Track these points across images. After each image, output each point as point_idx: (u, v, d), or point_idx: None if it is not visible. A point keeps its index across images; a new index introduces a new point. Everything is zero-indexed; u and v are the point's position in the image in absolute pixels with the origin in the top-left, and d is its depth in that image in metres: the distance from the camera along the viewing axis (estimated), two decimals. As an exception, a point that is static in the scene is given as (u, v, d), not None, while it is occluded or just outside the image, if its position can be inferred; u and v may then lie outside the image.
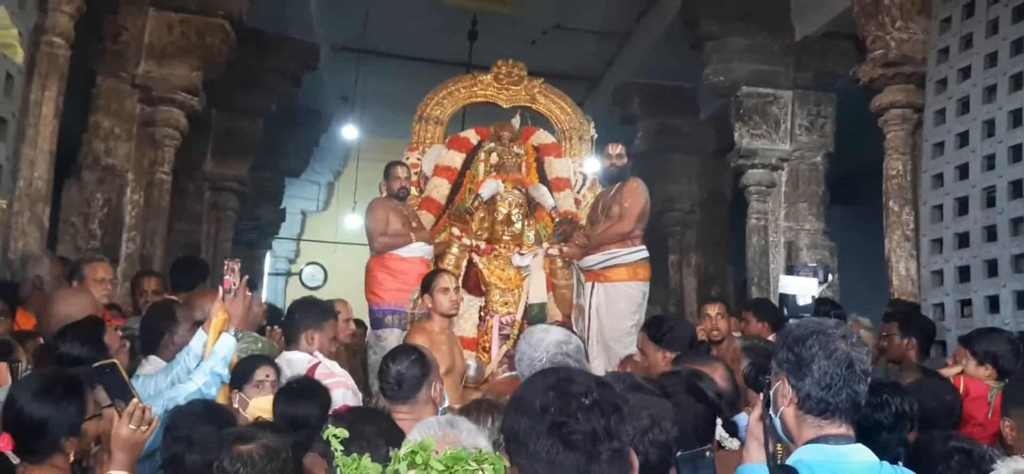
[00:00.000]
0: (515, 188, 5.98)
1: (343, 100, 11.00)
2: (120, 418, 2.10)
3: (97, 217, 5.83)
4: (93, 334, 2.90)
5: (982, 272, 4.52)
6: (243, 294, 2.98)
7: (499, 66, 6.47)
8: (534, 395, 1.29)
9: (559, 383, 1.28)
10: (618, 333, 5.33)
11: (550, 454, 1.23)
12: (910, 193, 5.49)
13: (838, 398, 1.77)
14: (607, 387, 1.29)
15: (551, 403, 1.25)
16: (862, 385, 1.79)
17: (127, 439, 2.09)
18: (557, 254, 5.84)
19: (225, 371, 2.84)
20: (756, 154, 7.29)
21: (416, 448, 1.22)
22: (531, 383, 1.35)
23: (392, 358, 2.87)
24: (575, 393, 1.25)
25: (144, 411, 2.13)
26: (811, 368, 1.78)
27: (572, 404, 1.24)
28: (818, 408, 1.78)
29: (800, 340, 1.81)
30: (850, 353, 1.78)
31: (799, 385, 1.80)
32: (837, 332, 1.83)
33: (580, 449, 1.23)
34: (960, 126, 4.76)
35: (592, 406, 1.24)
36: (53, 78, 4.44)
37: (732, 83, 7.32)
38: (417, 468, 1.22)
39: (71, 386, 2.14)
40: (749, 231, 7.41)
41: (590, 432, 1.23)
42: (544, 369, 1.48)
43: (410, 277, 5.28)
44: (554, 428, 1.23)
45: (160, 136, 6.28)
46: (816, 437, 1.79)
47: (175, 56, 6.20)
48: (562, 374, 1.31)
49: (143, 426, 2.12)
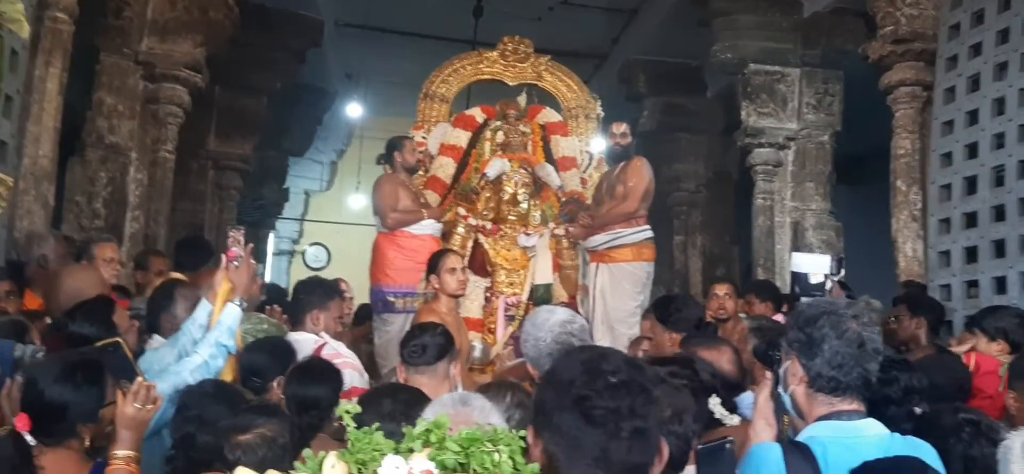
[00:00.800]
0: (521, 167, 5.94)
1: (347, 78, 10.97)
2: (125, 397, 2.09)
3: (101, 196, 5.81)
4: (103, 314, 2.89)
5: (990, 253, 4.49)
6: (248, 263, 2.94)
7: (505, 43, 6.41)
8: (565, 369, 1.29)
9: (591, 360, 1.28)
10: (622, 314, 5.32)
11: (572, 429, 1.23)
12: (918, 172, 5.46)
13: (849, 377, 1.81)
14: (639, 369, 1.28)
15: (578, 377, 1.25)
16: (873, 363, 1.83)
17: (132, 418, 2.09)
18: (563, 234, 5.82)
19: (231, 342, 2.80)
20: (763, 133, 7.24)
21: (431, 426, 1.21)
22: (565, 358, 1.35)
23: (420, 328, 2.95)
24: (604, 370, 1.24)
25: (148, 390, 2.13)
26: (822, 348, 1.81)
27: (599, 381, 1.24)
28: (829, 386, 1.82)
29: (811, 320, 1.84)
30: (862, 333, 1.81)
31: (810, 364, 1.83)
32: (848, 312, 1.86)
33: (601, 425, 1.22)
34: (970, 104, 4.72)
35: (619, 385, 1.23)
36: (57, 54, 4.40)
37: (740, 60, 7.26)
38: (431, 446, 1.21)
39: (92, 371, 2.13)
40: (755, 211, 7.38)
41: (613, 409, 1.22)
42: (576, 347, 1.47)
43: (421, 255, 5.17)
44: (578, 402, 1.23)
45: (163, 114, 6.25)
46: (828, 414, 1.82)
47: (178, 32, 6.14)
48: (598, 352, 1.31)
49: (148, 405, 2.12)
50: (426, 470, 1.14)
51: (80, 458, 2.11)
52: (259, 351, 2.96)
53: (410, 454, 1.19)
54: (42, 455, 2.03)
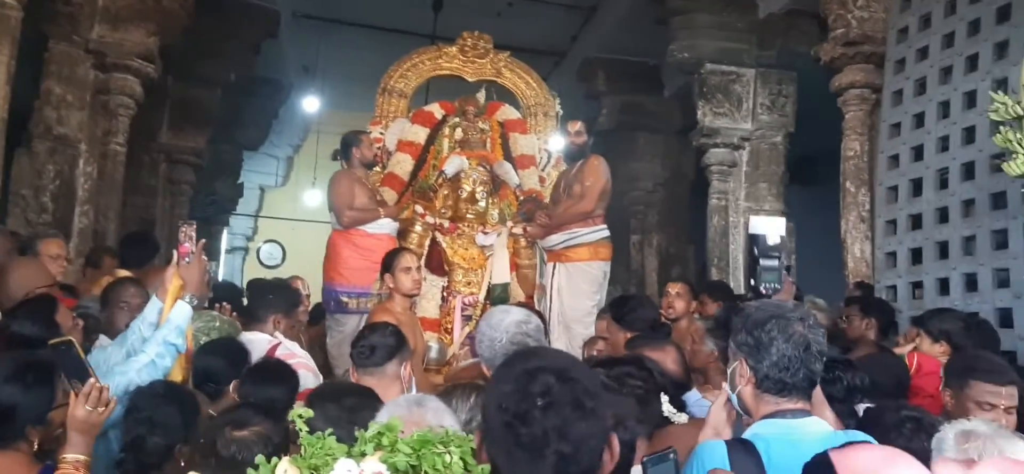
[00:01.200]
0: (480, 165, 5.94)
1: (304, 70, 10.82)
2: (76, 399, 2.05)
3: (48, 189, 5.64)
4: (45, 313, 2.82)
5: (934, 254, 4.61)
6: (199, 260, 2.87)
7: (465, 38, 6.39)
8: (499, 384, 1.29)
9: (520, 378, 1.26)
10: (578, 313, 5.35)
11: (506, 444, 1.24)
12: (867, 174, 5.59)
13: (795, 378, 1.87)
14: (571, 385, 1.27)
15: (507, 399, 1.25)
16: (818, 364, 1.89)
17: (83, 421, 2.06)
18: (521, 233, 5.82)
19: (180, 341, 2.74)
20: (718, 133, 7.35)
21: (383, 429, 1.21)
22: (502, 370, 1.34)
23: (370, 328, 2.94)
24: (532, 393, 1.24)
25: (101, 392, 2.09)
26: (769, 351, 1.87)
27: (526, 404, 1.23)
28: (776, 388, 1.88)
29: (759, 324, 1.90)
30: (807, 335, 1.88)
31: (758, 367, 1.89)
32: (795, 315, 1.92)
33: (527, 450, 1.23)
34: (916, 107, 4.84)
35: (546, 407, 1.23)
36: (5, 42, 4.27)
37: (696, 60, 7.35)
38: (383, 449, 1.21)
39: (42, 372, 2.09)
40: (710, 211, 7.49)
41: (540, 434, 1.22)
42: (520, 354, 1.43)
43: (376, 255, 5.07)
44: (507, 426, 1.24)
45: (114, 105, 6.09)
46: (773, 412, 1.89)
47: (130, 20, 5.99)
48: (531, 365, 1.29)
49: (100, 407, 2.08)
50: (377, 472, 1.14)
51: (28, 461, 2.06)
52: (213, 354, 2.92)
53: (362, 457, 1.19)
54: None
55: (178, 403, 2.27)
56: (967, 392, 2.74)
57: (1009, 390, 2.70)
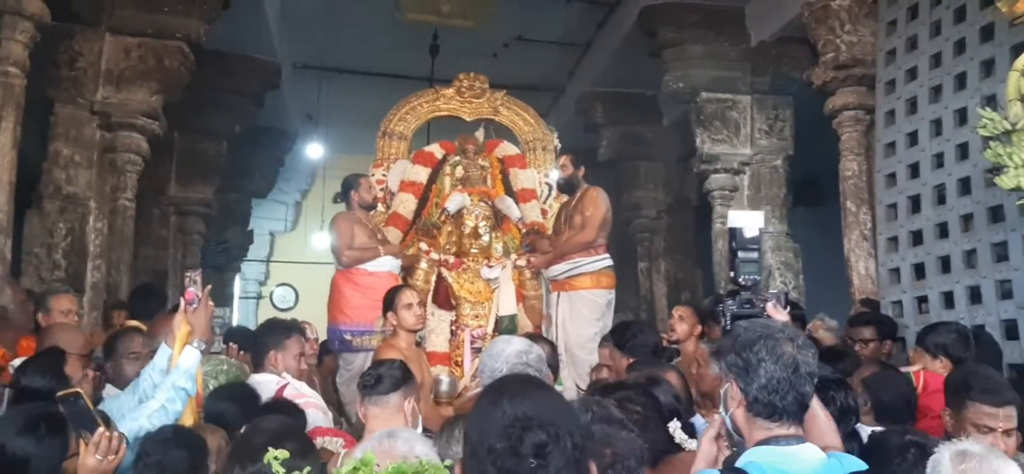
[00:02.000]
0: (481, 201, 6.00)
1: (307, 118, 10.98)
2: (86, 448, 2.09)
3: (60, 247, 5.77)
4: (54, 366, 2.88)
5: (936, 268, 4.61)
6: (206, 305, 2.91)
7: (461, 79, 6.48)
8: (488, 432, 1.29)
9: (512, 433, 1.26)
10: (581, 340, 5.37)
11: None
12: (866, 193, 5.62)
13: (785, 401, 1.83)
14: (562, 442, 1.27)
15: (499, 456, 1.25)
16: (808, 386, 1.85)
17: (94, 469, 2.08)
18: (525, 265, 5.88)
19: (190, 385, 2.78)
20: (718, 159, 7.39)
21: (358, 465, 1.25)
22: (489, 410, 1.33)
23: (379, 361, 3.01)
24: (524, 454, 1.25)
25: (110, 440, 2.12)
26: (758, 372, 1.83)
27: (519, 465, 1.24)
28: (766, 411, 1.84)
29: (747, 345, 1.87)
30: (796, 356, 1.83)
31: (747, 388, 1.85)
32: (783, 335, 1.88)
33: None
34: (909, 126, 4.88)
35: (539, 469, 1.24)
36: (9, 108, 4.41)
37: (691, 90, 7.43)
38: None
39: (55, 424, 2.12)
40: (714, 235, 7.50)
41: None
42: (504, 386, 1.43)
43: (378, 292, 5.17)
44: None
45: (121, 162, 6.22)
46: (766, 438, 1.84)
47: (133, 81, 6.15)
48: (520, 414, 1.28)
49: (110, 456, 2.11)
50: None
51: None
52: (224, 400, 2.96)
53: None
54: None
55: (187, 447, 2.31)
56: (965, 414, 2.68)
57: (1007, 411, 2.62)
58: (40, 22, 4.59)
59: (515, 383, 1.59)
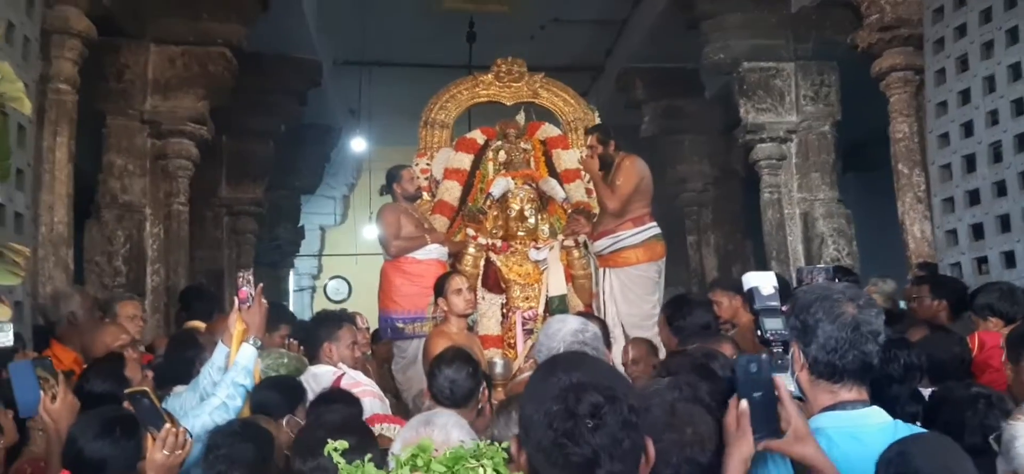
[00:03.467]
0: (525, 184, 6.02)
1: (350, 113, 11.11)
2: (153, 444, 2.16)
3: (120, 254, 5.96)
4: (115, 370, 2.99)
5: (995, 228, 4.50)
6: (259, 303, 2.97)
7: (499, 64, 6.49)
8: (543, 400, 1.30)
9: (568, 397, 1.27)
10: (637, 318, 5.34)
11: (552, 457, 1.27)
12: (918, 155, 5.48)
13: (845, 360, 1.80)
14: (618, 403, 1.28)
15: (556, 419, 1.26)
16: (871, 345, 1.81)
17: (162, 464, 2.16)
18: (572, 245, 5.89)
19: (248, 381, 2.85)
20: (763, 128, 7.26)
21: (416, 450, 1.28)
22: (543, 383, 1.35)
23: (448, 363, 2.93)
24: (581, 413, 1.26)
25: (177, 436, 2.20)
26: (816, 333, 1.82)
27: (576, 426, 1.25)
28: (826, 372, 1.82)
29: (805, 307, 1.86)
30: (857, 315, 1.80)
31: (807, 350, 1.84)
32: (844, 296, 1.85)
33: (580, 468, 1.25)
34: (961, 84, 4.74)
35: (597, 428, 1.25)
36: (63, 123, 4.56)
37: (732, 60, 7.29)
38: (419, 470, 1.27)
39: (129, 426, 2.20)
40: (763, 205, 7.40)
41: (590, 454, 1.25)
42: (557, 360, 1.45)
43: (427, 280, 5.28)
44: (556, 446, 1.26)
45: (173, 168, 6.39)
46: (832, 404, 1.83)
47: (180, 88, 6.31)
48: (575, 380, 1.29)
49: (177, 451, 2.19)
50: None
51: None
52: (269, 390, 3.03)
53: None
54: None
55: (253, 440, 2.38)
56: None
57: None
58: (87, 38, 4.72)
59: (568, 356, 1.62)
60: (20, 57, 3.58)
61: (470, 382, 2.89)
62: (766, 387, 1.65)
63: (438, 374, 2.93)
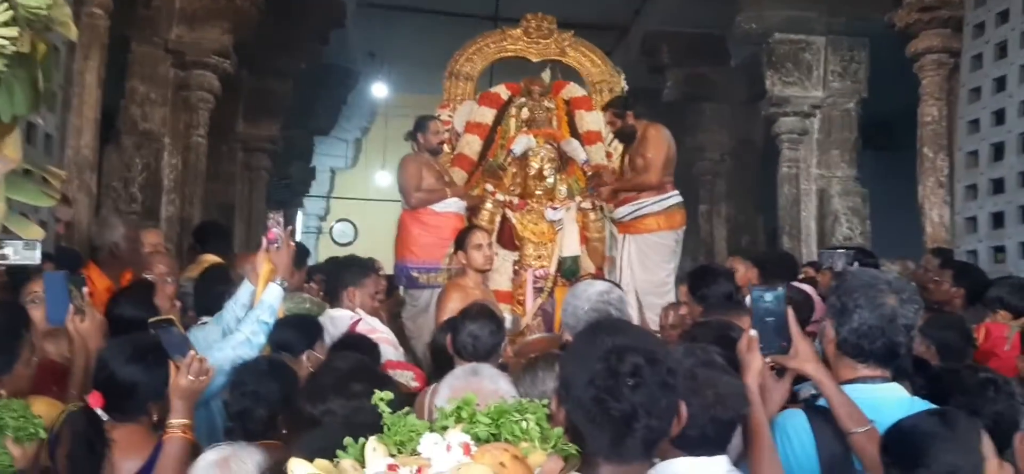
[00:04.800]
0: (547, 143, 5.99)
1: (370, 57, 11.02)
2: (179, 370, 2.19)
3: (137, 181, 5.96)
4: (145, 296, 3.02)
5: (1016, 218, 4.52)
6: (288, 245, 2.99)
7: (528, 19, 6.42)
8: (587, 358, 1.37)
9: (610, 356, 1.35)
10: (652, 285, 5.38)
11: (592, 416, 1.34)
12: (945, 139, 5.46)
13: (873, 346, 1.91)
14: (657, 365, 1.36)
15: (598, 377, 1.33)
16: (902, 336, 1.91)
17: (186, 389, 2.19)
18: (590, 207, 5.89)
19: (272, 320, 2.87)
20: (788, 101, 7.22)
21: (461, 404, 1.30)
22: (587, 342, 1.42)
23: (472, 319, 2.97)
24: (623, 373, 1.33)
25: (201, 362, 2.23)
26: (852, 317, 1.91)
27: (617, 384, 1.33)
28: (853, 352, 1.93)
29: (849, 291, 1.95)
30: (896, 308, 1.90)
31: (840, 329, 1.94)
32: (889, 287, 1.94)
33: (618, 423, 1.33)
34: (997, 71, 4.71)
35: (636, 386, 1.33)
36: (95, 48, 4.54)
37: (764, 30, 7.22)
38: (463, 422, 1.29)
39: (160, 353, 2.23)
40: (780, 179, 7.39)
41: (629, 410, 1.33)
42: (600, 325, 1.53)
43: (445, 232, 5.33)
44: (597, 401, 1.33)
45: (194, 100, 6.38)
46: (852, 378, 1.93)
47: (206, 20, 6.26)
48: (618, 343, 1.37)
49: (201, 377, 2.22)
50: (464, 442, 1.22)
51: (148, 432, 2.23)
52: (287, 327, 3.05)
53: (444, 431, 1.27)
54: (114, 429, 2.17)
55: (279, 378, 2.41)
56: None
57: None
58: (122, -36, 4.68)
59: (610, 322, 1.72)
60: (58, -22, 3.55)
61: (493, 338, 2.94)
62: (778, 314, 1.91)
63: (462, 329, 2.97)
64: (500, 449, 1.22)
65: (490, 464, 1.17)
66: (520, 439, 1.27)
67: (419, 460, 1.19)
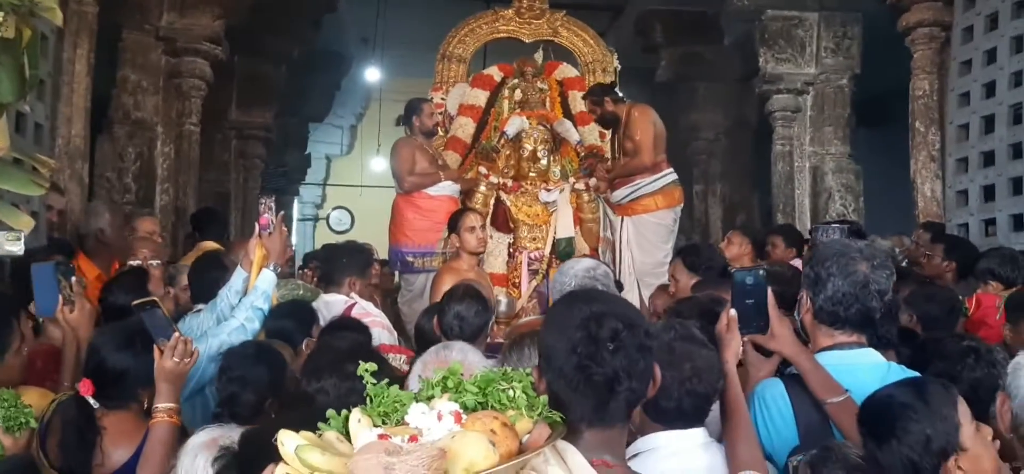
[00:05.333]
0: (540, 124, 5.99)
1: (363, 42, 10.98)
2: (163, 353, 2.20)
3: (130, 171, 5.96)
4: (138, 283, 3.03)
5: (1007, 190, 4.53)
6: (280, 230, 3.01)
7: (520, 0, 6.42)
8: (566, 327, 1.40)
9: (589, 323, 1.37)
10: (649, 266, 5.40)
11: (574, 382, 1.37)
12: (936, 113, 5.47)
13: (848, 313, 1.95)
14: (635, 329, 1.39)
15: (579, 344, 1.36)
16: (875, 301, 1.95)
17: (171, 371, 2.20)
18: (583, 188, 5.89)
19: (266, 305, 2.89)
20: (781, 79, 7.22)
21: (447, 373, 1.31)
22: (564, 312, 1.45)
23: (458, 299, 3.00)
24: (602, 338, 1.36)
25: (186, 344, 2.23)
26: (826, 285, 1.96)
27: (599, 349, 1.36)
28: (829, 319, 1.98)
29: (821, 260, 2.00)
30: (868, 274, 1.94)
31: (815, 298, 1.99)
32: (861, 255, 1.97)
33: (601, 386, 1.36)
34: (988, 43, 4.71)
35: (616, 350, 1.36)
36: (83, 36, 4.52)
37: (757, 7, 7.19)
38: (449, 391, 1.28)
39: (149, 339, 2.23)
40: (774, 157, 7.39)
41: (611, 374, 1.36)
42: (576, 294, 1.58)
43: (439, 215, 5.34)
44: (579, 368, 1.36)
45: (186, 87, 6.36)
46: (829, 345, 1.99)
47: (197, 6, 6.21)
48: (595, 310, 1.39)
49: (185, 359, 2.23)
50: (455, 410, 1.22)
51: (138, 419, 2.25)
52: (284, 317, 3.06)
53: (430, 401, 1.27)
54: (104, 416, 2.19)
55: (267, 363, 2.41)
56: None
57: None
58: (109, -50, 4.66)
59: (585, 291, 1.80)
60: (43, -35, 3.54)
61: (479, 319, 2.97)
62: (758, 296, 1.94)
63: (448, 310, 3.00)
64: (490, 417, 1.22)
65: (481, 432, 1.18)
66: (507, 407, 1.28)
67: (409, 430, 1.20)
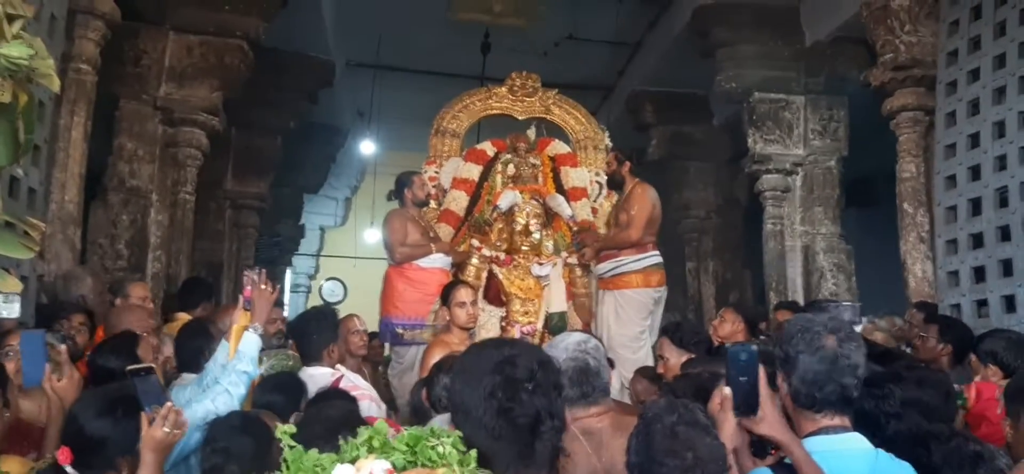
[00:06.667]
0: (532, 199, 6.05)
1: (359, 116, 11.15)
2: (155, 421, 2.15)
3: (123, 238, 5.94)
4: (128, 348, 2.99)
5: (997, 272, 4.53)
6: (260, 289, 2.97)
7: (513, 78, 6.55)
8: (479, 375, 1.39)
9: (503, 367, 1.37)
10: (624, 339, 5.41)
11: (496, 429, 1.35)
12: (924, 195, 5.52)
13: (823, 392, 1.87)
14: (548, 367, 1.40)
15: (497, 388, 1.35)
16: (848, 378, 1.87)
17: (160, 441, 2.15)
18: (576, 263, 5.92)
19: (252, 368, 2.85)
20: (770, 159, 7.32)
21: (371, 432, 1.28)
22: (474, 360, 1.44)
23: (446, 371, 2.96)
24: (519, 379, 1.36)
25: (177, 414, 2.19)
26: (796, 364, 1.88)
27: (517, 391, 1.35)
28: (806, 401, 1.89)
29: (788, 338, 1.92)
30: (836, 349, 1.86)
31: (789, 380, 1.91)
32: (825, 328, 1.90)
33: (525, 429, 1.35)
34: (971, 127, 4.79)
35: (535, 390, 1.36)
36: (81, 103, 4.58)
37: (744, 90, 7.35)
38: (375, 452, 1.26)
39: (130, 406, 2.18)
40: (765, 236, 7.44)
41: (534, 414, 1.35)
42: (483, 344, 1.57)
43: (430, 287, 5.35)
44: (502, 412, 1.34)
45: (182, 156, 6.40)
46: (814, 430, 1.89)
47: (195, 78, 6.31)
48: (507, 353, 1.40)
49: (175, 429, 2.18)
50: (387, 468, 1.20)
51: None
52: (272, 391, 3.04)
53: (354, 462, 1.24)
54: None
55: (253, 434, 2.37)
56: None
57: None
58: (111, 20, 4.75)
59: (491, 340, 1.77)
60: (46, 34, 3.60)
61: None
62: (752, 373, 1.84)
63: (436, 382, 2.98)
64: (424, 473, 1.21)
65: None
66: (438, 463, 1.25)
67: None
